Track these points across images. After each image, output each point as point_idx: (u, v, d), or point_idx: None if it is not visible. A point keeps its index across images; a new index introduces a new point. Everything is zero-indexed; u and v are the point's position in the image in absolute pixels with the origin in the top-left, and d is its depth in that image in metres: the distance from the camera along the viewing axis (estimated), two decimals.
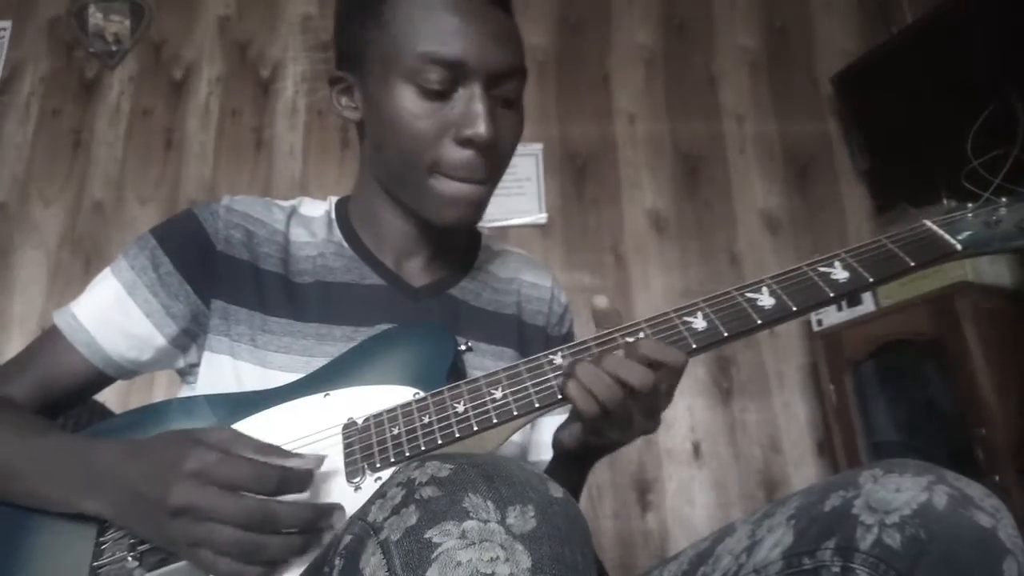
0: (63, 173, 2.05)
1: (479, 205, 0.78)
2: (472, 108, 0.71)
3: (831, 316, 1.77)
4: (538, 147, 2.11)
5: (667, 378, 0.62)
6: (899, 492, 0.56)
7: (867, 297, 1.70)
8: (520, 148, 2.05)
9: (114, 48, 2.16)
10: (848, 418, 1.70)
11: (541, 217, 2.05)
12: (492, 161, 0.76)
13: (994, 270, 1.56)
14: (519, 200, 2.06)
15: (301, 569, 0.55)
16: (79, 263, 1.97)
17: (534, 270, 0.95)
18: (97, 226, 2.01)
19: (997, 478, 1.35)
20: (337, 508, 0.57)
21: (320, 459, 0.60)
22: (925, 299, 1.56)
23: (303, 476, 0.57)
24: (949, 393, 1.52)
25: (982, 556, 0.52)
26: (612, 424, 0.63)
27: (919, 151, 1.82)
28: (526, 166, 2.09)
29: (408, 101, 0.72)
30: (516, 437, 0.81)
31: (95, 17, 2.17)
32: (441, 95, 0.71)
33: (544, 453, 0.87)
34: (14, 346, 1.88)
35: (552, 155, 2.11)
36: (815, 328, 1.80)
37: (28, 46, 2.16)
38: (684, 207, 2.08)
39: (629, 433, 0.66)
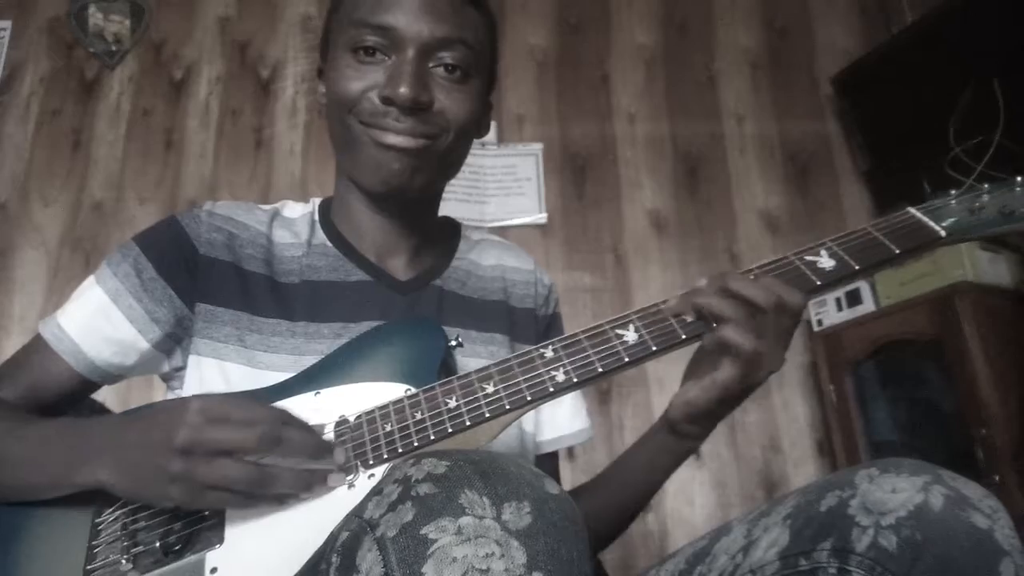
0: (63, 173, 2.05)
1: (411, 160, 0.74)
2: (396, 69, 0.73)
3: (831, 316, 1.77)
4: (538, 147, 2.11)
5: (776, 315, 0.64)
6: (895, 493, 0.55)
7: (867, 297, 1.70)
8: (520, 148, 2.06)
9: (114, 48, 2.16)
10: (848, 418, 1.70)
11: (541, 217, 2.05)
12: (426, 124, 0.74)
13: (994, 270, 1.56)
14: (519, 200, 2.07)
15: (306, 507, 0.57)
16: (79, 263, 1.97)
17: (515, 255, 0.95)
18: (97, 226, 2.01)
19: (997, 478, 1.35)
20: (336, 445, 0.60)
21: (320, 427, 0.62)
22: (925, 299, 1.56)
23: (305, 423, 0.60)
24: (949, 393, 1.52)
25: (979, 558, 0.52)
26: (755, 354, 0.63)
27: (919, 150, 1.82)
28: (526, 166, 2.10)
29: (344, 65, 0.75)
30: (518, 425, 0.81)
31: (95, 17, 2.17)
32: (373, 61, 0.74)
33: (547, 432, 0.88)
34: (14, 345, 1.87)
35: (552, 155, 2.11)
36: (815, 328, 1.80)
37: (28, 46, 2.16)
38: (684, 207, 2.08)
39: (763, 367, 0.65)
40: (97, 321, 0.75)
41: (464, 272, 0.89)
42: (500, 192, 2.07)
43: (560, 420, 0.89)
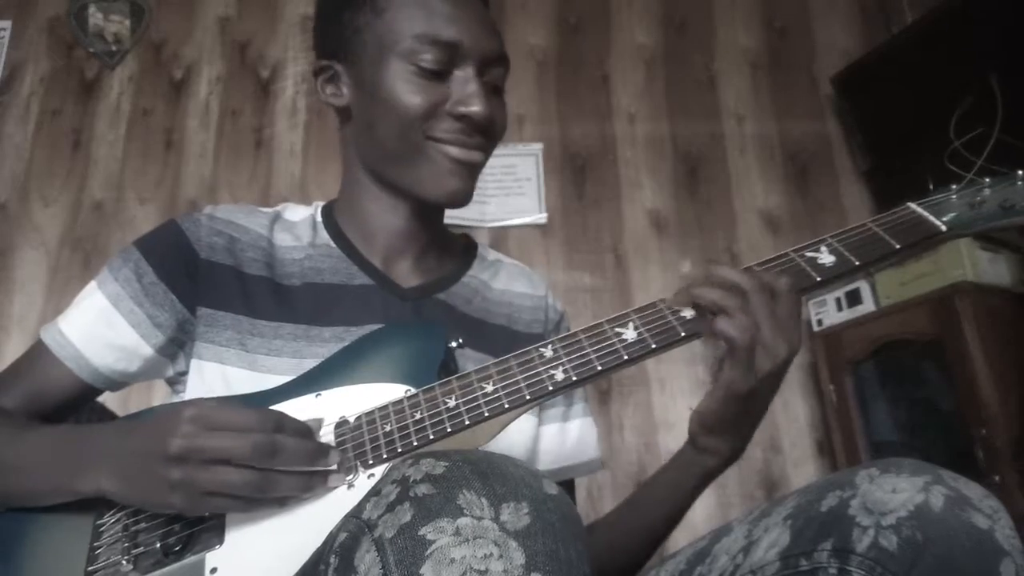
0: (63, 173, 2.05)
1: (473, 175, 0.79)
2: (468, 87, 0.75)
3: (831, 316, 1.77)
4: (538, 147, 2.11)
5: (763, 298, 0.63)
6: (895, 493, 0.55)
7: (867, 297, 1.70)
8: (520, 148, 2.07)
9: (114, 48, 2.16)
10: (848, 418, 1.70)
11: (541, 217, 2.05)
12: (489, 139, 0.79)
13: (994, 270, 1.56)
14: (519, 200, 2.06)
15: (306, 507, 0.57)
16: (79, 263, 1.97)
17: (528, 281, 0.94)
18: (97, 226, 2.01)
19: (997, 478, 1.35)
20: (333, 448, 0.60)
21: (318, 422, 0.62)
22: (925, 299, 1.56)
23: (300, 424, 0.59)
24: (949, 393, 1.52)
25: (979, 558, 0.52)
26: (754, 341, 0.62)
27: (919, 150, 1.82)
28: (526, 166, 2.09)
29: (404, 79, 0.75)
30: (518, 450, 0.80)
31: (95, 17, 2.18)
32: (436, 75, 0.75)
33: (549, 462, 0.86)
34: (14, 345, 1.88)
35: (552, 155, 2.11)
36: (815, 328, 1.80)
37: (28, 46, 2.16)
38: (684, 207, 2.08)
39: (765, 357, 0.63)
40: (99, 327, 0.75)
41: (472, 290, 0.88)
42: (500, 192, 2.07)
43: (566, 449, 0.87)
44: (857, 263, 0.65)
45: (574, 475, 0.90)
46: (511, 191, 2.07)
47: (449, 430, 0.60)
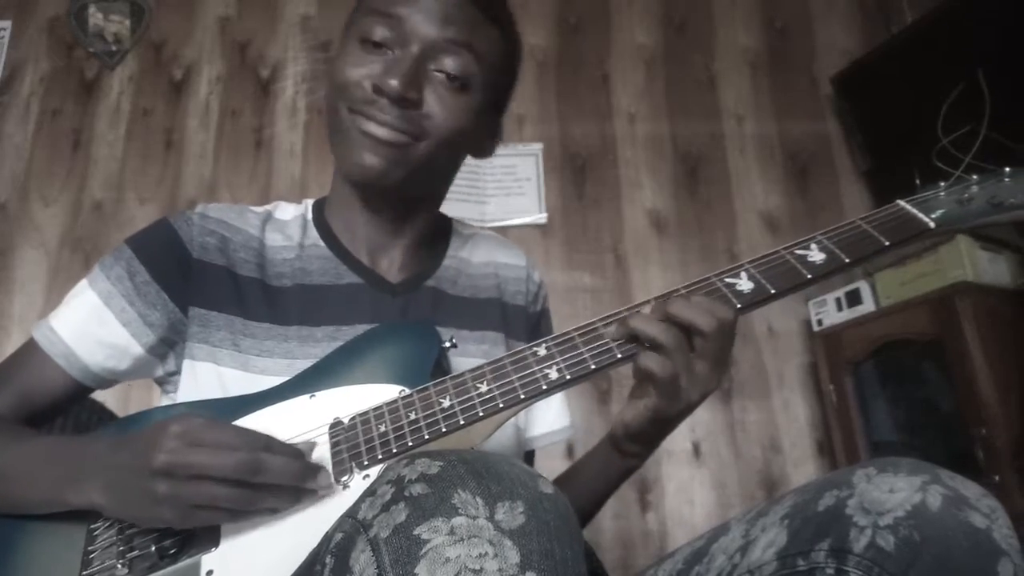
0: (63, 173, 2.06)
1: (390, 154, 0.72)
2: (396, 64, 0.72)
3: (831, 316, 1.77)
4: (538, 147, 2.11)
5: (714, 337, 0.62)
6: (893, 492, 0.55)
7: (867, 297, 1.70)
8: (520, 148, 2.07)
9: (114, 48, 2.16)
10: (848, 418, 1.70)
11: (541, 217, 2.05)
12: (415, 123, 0.72)
13: (994, 270, 1.56)
14: (519, 200, 2.07)
15: (295, 518, 0.57)
16: (79, 263, 1.97)
17: (507, 250, 0.95)
18: (97, 226, 2.01)
19: (997, 478, 1.35)
20: (322, 469, 0.59)
21: (310, 445, 0.61)
22: (925, 299, 1.56)
23: (290, 448, 0.59)
24: (949, 393, 1.52)
25: (977, 558, 0.52)
26: (678, 377, 0.62)
27: (919, 150, 1.82)
28: (526, 166, 2.09)
29: (350, 52, 0.75)
30: (513, 422, 0.81)
31: (95, 17, 2.18)
32: (379, 49, 0.73)
33: (536, 429, 0.88)
34: (14, 345, 1.86)
35: (552, 155, 2.11)
36: (815, 328, 1.80)
37: (28, 46, 2.16)
38: (684, 207, 2.08)
39: (695, 389, 0.64)
40: (90, 325, 0.74)
41: (455, 271, 0.88)
42: (500, 192, 2.07)
43: (550, 417, 0.90)
44: (847, 260, 0.65)
45: (554, 440, 0.91)
46: (511, 191, 2.07)
47: (444, 430, 0.60)
